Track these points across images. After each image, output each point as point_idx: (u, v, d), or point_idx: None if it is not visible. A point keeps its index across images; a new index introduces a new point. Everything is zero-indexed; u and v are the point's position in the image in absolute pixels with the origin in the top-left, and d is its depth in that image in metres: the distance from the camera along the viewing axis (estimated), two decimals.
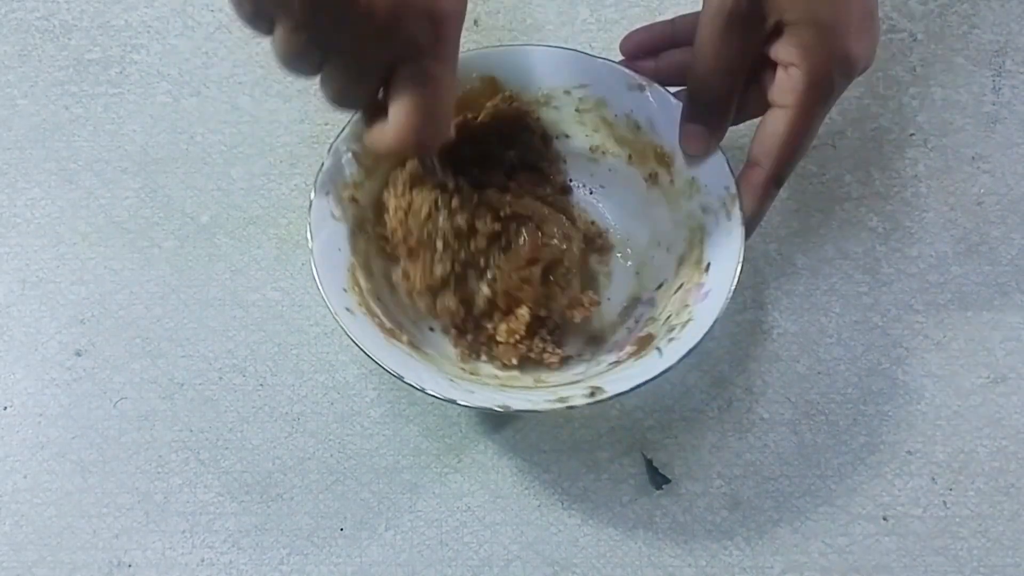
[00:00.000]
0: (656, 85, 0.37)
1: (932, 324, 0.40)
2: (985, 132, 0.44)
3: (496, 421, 0.39)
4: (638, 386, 0.33)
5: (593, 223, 0.40)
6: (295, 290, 0.41)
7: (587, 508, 0.37)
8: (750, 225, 0.36)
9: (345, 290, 0.35)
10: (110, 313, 0.40)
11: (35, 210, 0.42)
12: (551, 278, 0.37)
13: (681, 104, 0.37)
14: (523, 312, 0.37)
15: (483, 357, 0.38)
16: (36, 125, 0.44)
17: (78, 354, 0.40)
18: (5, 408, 0.39)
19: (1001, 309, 0.40)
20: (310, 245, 0.35)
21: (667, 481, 0.38)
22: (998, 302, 0.41)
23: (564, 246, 0.37)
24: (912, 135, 0.44)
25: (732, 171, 0.36)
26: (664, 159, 0.38)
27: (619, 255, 0.40)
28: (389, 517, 0.37)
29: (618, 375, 0.34)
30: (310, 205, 0.36)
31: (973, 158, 0.43)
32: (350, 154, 0.36)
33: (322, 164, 0.36)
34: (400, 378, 0.33)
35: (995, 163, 0.43)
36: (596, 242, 0.40)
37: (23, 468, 0.38)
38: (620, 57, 0.40)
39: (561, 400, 0.33)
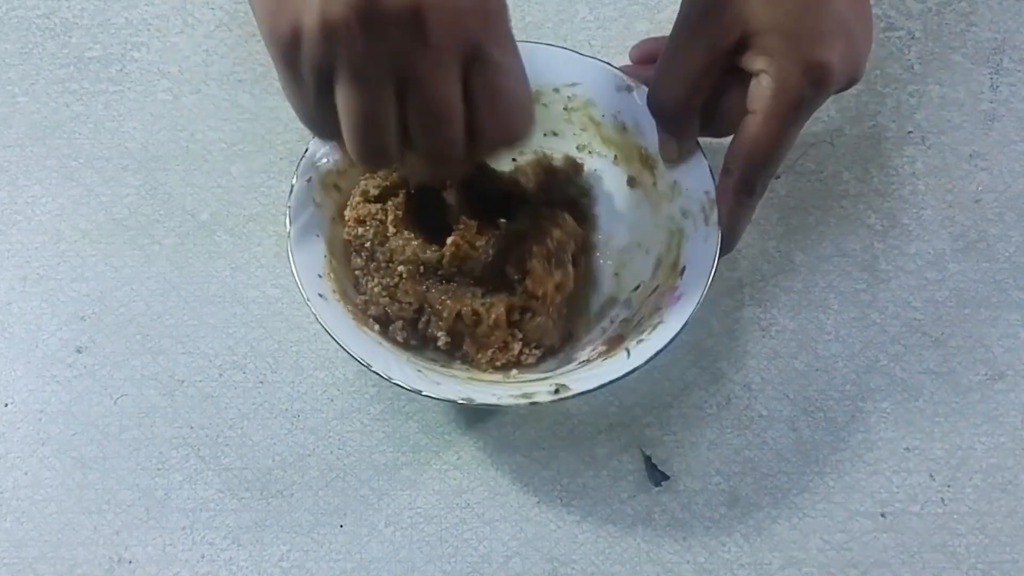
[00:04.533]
0: (644, 87, 0.36)
1: (930, 321, 0.39)
2: (983, 130, 0.43)
3: (495, 417, 0.38)
4: (602, 386, 0.32)
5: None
6: (295, 287, 0.39)
7: (586, 504, 0.37)
8: (725, 237, 0.35)
9: (320, 276, 0.34)
10: (110, 310, 0.40)
11: (36, 207, 0.42)
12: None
13: None
14: (514, 346, 0.36)
15: (458, 363, 0.36)
16: (37, 123, 0.43)
17: (79, 351, 0.39)
18: (6, 405, 0.38)
19: (999, 306, 0.40)
20: (287, 229, 0.34)
21: (666, 478, 0.37)
22: (996, 299, 0.40)
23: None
24: (910, 133, 0.43)
25: (713, 176, 0.36)
26: (648, 161, 0.37)
27: (599, 255, 0.39)
28: (389, 513, 0.36)
29: (585, 374, 0.33)
30: (291, 189, 0.35)
31: (971, 156, 0.43)
32: (335, 141, 0.36)
33: (305, 149, 0.35)
34: (367, 366, 0.32)
35: (993, 161, 0.42)
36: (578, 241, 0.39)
37: (24, 465, 0.37)
38: (617, 55, 0.39)
39: (525, 396, 0.32)
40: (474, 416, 0.38)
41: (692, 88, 0.34)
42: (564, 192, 0.38)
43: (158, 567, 0.36)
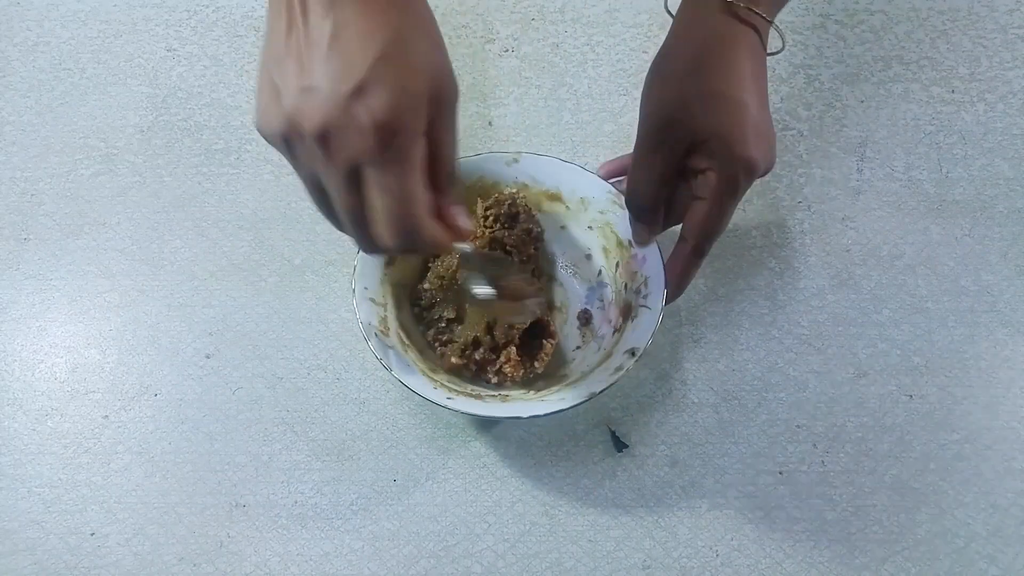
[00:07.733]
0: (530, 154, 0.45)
1: (813, 335, 0.47)
2: (851, 201, 0.50)
3: None
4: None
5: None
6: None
7: (568, 465, 0.44)
8: (680, 285, 0.40)
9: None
10: (230, 327, 0.48)
11: (177, 255, 0.50)
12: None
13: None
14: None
15: (491, 379, 0.43)
16: (178, 195, 0.52)
17: (208, 356, 0.47)
18: (156, 395, 0.46)
19: (863, 324, 0.47)
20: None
21: (626, 446, 0.44)
22: (861, 319, 0.48)
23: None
24: (799, 202, 0.51)
25: (603, 179, 0.43)
26: (552, 196, 0.45)
27: (562, 267, 0.47)
28: (428, 471, 0.44)
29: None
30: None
31: (843, 219, 0.50)
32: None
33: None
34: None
35: (859, 223, 0.50)
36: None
37: (168, 437, 0.45)
38: (591, 148, 0.48)
39: (561, 400, 0.39)
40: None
41: (660, 187, 0.39)
42: (527, 228, 0.45)
43: (264, 509, 0.43)
